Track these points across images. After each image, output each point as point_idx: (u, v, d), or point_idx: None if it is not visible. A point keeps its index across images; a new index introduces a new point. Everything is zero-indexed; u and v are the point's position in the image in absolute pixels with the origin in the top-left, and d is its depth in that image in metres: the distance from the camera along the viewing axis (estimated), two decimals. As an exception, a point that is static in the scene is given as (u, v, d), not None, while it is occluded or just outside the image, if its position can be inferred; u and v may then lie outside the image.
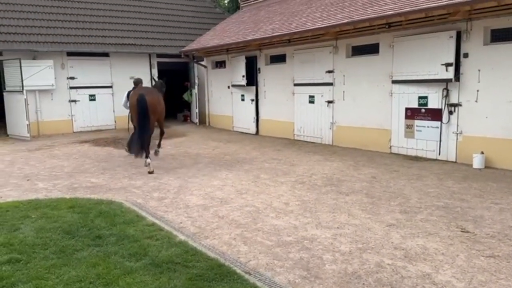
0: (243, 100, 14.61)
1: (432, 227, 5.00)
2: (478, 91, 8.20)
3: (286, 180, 7.48)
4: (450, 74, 8.40)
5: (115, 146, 11.89)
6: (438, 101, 8.81)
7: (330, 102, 11.31)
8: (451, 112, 8.64)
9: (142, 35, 17.15)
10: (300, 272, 3.92)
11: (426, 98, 9.04)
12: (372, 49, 10.26)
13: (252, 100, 14.14)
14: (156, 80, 10.27)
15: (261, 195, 6.54)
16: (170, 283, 3.64)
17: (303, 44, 11.93)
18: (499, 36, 7.94)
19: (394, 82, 9.61)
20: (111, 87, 16.25)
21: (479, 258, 4.12)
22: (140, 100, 8.35)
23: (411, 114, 9.35)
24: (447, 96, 8.64)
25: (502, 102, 7.85)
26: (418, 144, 9.27)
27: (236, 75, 14.38)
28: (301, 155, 9.93)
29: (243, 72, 13.86)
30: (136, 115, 8.48)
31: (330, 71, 11.21)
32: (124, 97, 10.05)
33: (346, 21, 9.49)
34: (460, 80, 8.43)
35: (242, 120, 14.76)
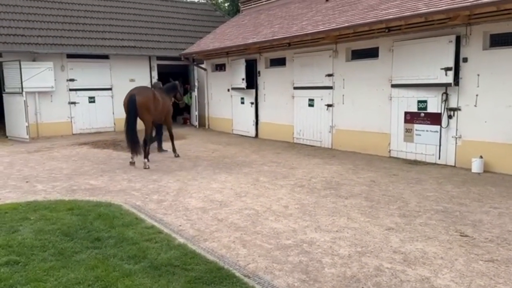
0: (242, 103, 14.63)
1: (431, 231, 5.00)
2: (477, 95, 8.22)
3: (285, 183, 7.48)
4: (449, 79, 8.42)
5: (115, 148, 11.89)
6: (438, 105, 8.83)
7: (329, 106, 11.33)
8: (450, 117, 8.66)
9: (142, 37, 17.20)
10: (299, 275, 3.92)
11: (425, 102, 9.06)
12: (371, 53, 10.29)
13: (252, 103, 14.16)
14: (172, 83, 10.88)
15: (260, 198, 6.54)
16: (169, 286, 3.63)
17: (303, 47, 11.96)
18: (499, 41, 7.97)
19: (394, 86, 9.64)
20: (110, 89, 16.27)
21: (478, 262, 4.12)
22: (130, 100, 8.99)
23: (411, 118, 9.37)
24: (446, 100, 8.66)
25: (501, 106, 7.87)
26: (417, 148, 9.28)
27: (236, 78, 14.40)
28: (300, 158, 9.94)
29: (243, 75, 13.88)
30: (127, 114, 9.07)
31: (329, 75, 11.23)
32: None
33: (346, 25, 9.51)
34: (460, 85, 8.45)
35: (241, 123, 14.77)
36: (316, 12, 11.92)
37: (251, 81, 14.01)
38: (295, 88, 12.37)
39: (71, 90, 15.44)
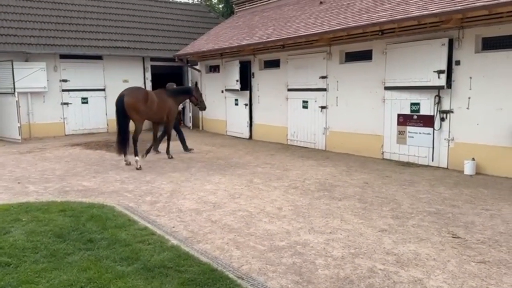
0: (236, 104, 14.63)
1: (423, 232, 5.03)
2: (469, 98, 8.29)
3: (279, 185, 7.49)
4: (442, 81, 8.49)
5: (107, 150, 11.83)
6: (430, 107, 8.89)
7: (323, 108, 11.36)
8: (443, 119, 8.72)
9: (136, 38, 17.15)
10: (293, 277, 3.92)
11: (418, 104, 9.12)
12: (365, 55, 10.34)
13: (246, 104, 14.16)
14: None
15: (254, 200, 6.54)
16: (162, 288, 3.62)
17: (297, 49, 11.99)
18: (490, 44, 8.05)
19: (387, 88, 9.69)
20: (104, 90, 16.20)
21: (470, 264, 4.15)
22: (118, 100, 9.20)
23: (404, 120, 9.42)
24: (439, 103, 8.72)
25: (493, 109, 7.94)
26: (410, 150, 9.34)
27: (230, 79, 14.40)
28: (294, 160, 9.95)
29: (237, 77, 13.89)
30: (116, 114, 9.28)
31: (323, 77, 11.27)
32: None
33: (340, 27, 9.56)
34: (452, 87, 8.52)
35: (235, 125, 14.77)
36: (310, 14, 11.96)
37: (245, 82, 14.02)
38: (289, 90, 12.40)
39: (64, 90, 15.35)
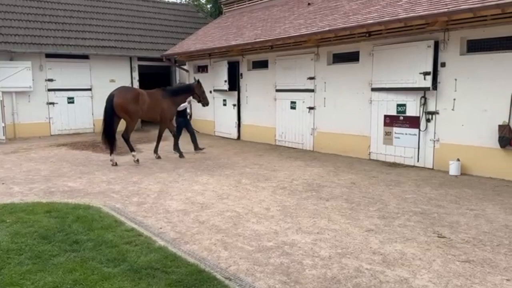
0: (225, 105, 14.61)
1: (409, 232, 5.09)
2: (454, 99, 8.41)
3: (267, 185, 7.50)
4: (428, 83, 8.59)
5: (94, 150, 11.72)
6: (416, 109, 8.99)
7: (311, 108, 11.41)
8: (428, 120, 8.83)
9: (123, 37, 17.01)
10: (280, 277, 3.94)
11: (404, 106, 9.22)
12: (352, 57, 10.42)
13: (234, 105, 14.15)
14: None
15: (242, 200, 6.54)
16: (149, 289, 3.60)
17: (285, 50, 12.03)
18: (475, 46, 8.18)
19: (374, 89, 9.78)
20: (90, 89, 16.04)
21: (455, 263, 4.21)
22: (108, 100, 9.29)
23: (390, 121, 9.52)
24: (424, 104, 8.83)
25: (477, 110, 8.07)
26: (397, 151, 9.43)
27: (218, 80, 14.37)
28: (282, 161, 9.98)
29: (225, 77, 13.87)
30: (104, 113, 9.33)
31: (311, 78, 11.32)
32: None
33: (327, 28, 9.61)
34: (438, 89, 8.63)
35: (223, 125, 14.74)
36: (298, 15, 12.00)
37: (234, 83, 14.01)
38: (277, 90, 12.42)
39: (49, 90, 15.16)
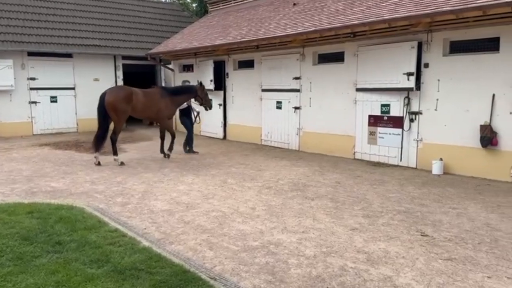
0: (210, 104, 14.54)
1: (393, 231, 5.15)
2: (437, 100, 8.53)
3: (253, 185, 7.50)
4: (411, 83, 8.71)
5: (77, 150, 11.56)
6: (400, 109, 9.10)
7: (297, 108, 11.46)
8: (412, 120, 8.94)
9: (107, 36, 16.81)
10: (266, 276, 3.94)
11: (388, 106, 9.32)
12: (337, 57, 10.49)
13: (220, 104, 14.12)
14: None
15: (228, 200, 6.53)
16: (133, 290, 3.56)
17: (271, 50, 12.04)
18: (457, 47, 8.32)
19: (358, 90, 9.86)
20: (73, 88, 15.83)
21: (437, 261, 4.28)
22: (100, 98, 9.29)
23: (374, 121, 9.61)
24: (408, 104, 8.94)
25: (460, 111, 8.20)
26: (381, 151, 9.53)
27: (204, 79, 14.25)
28: (268, 160, 9.99)
29: (211, 77, 13.82)
30: (97, 111, 9.35)
31: (297, 78, 11.36)
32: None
33: (313, 29, 9.66)
34: (421, 89, 8.75)
35: (209, 125, 14.68)
36: (283, 15, 12.04)
37: (220, 82, 13.97)
38: (263, 90, 12.44)
39: (32, 89, 14.91)
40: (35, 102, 15.01)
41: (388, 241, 4.82)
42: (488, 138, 7.69)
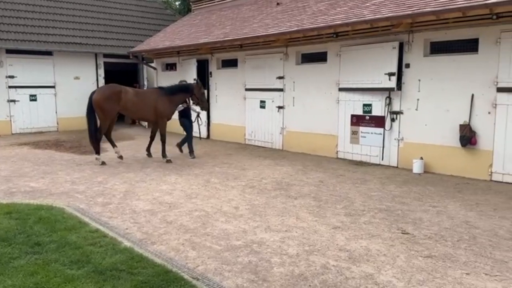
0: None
1: (374, 229, 5.20)
2: (418, 100, 8.66)
3: (236, 184, 7.49)
4: (392, 83, 8.82)
5: (57, 149, 11.36)
6: (382, 108, 9.21)
7: (280, 108, 11.49)
8: (393, 120, 9.06)
9: (88, 34, 16.55)
10: (248, 275, 3.94)
11: (370, 105, 9.42)
12: (320, 57, 10.56)
13: (203, 104, 14.03)
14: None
15: (211, 200, 6.50)
16: (114, 291, 3.52)
17: (254, 49, 12.04)
18: (438, 48, 8.46)
19: (341, 89, 9.94)
20: (53, 87, 15.55)
21: (418, 259, 4.34)
22: (89, 97, 9.26)
23: (356, 121, 9.70)
24: (389, 104, 9.05)
25: (440, 111, 8.34)
26: (363, 150, 9.63)
27: (187, 78, 14.18)
28: (252, 160, 9.99)
29: (194, 76, 13.73)
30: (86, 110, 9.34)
31: (280, 77, 11.39)
32: None
33: (296, 29, 9.70)
34: (402, 89, 8.87)
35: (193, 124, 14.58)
36: (266, 15, 12.05)
37: (203, 81, 13.83)
38: (247, 89, 12.43)
39: (10, 87, 14.58)
40: (14, 101, 14.69)
41: (370, 239, 4.87)
42: (467, 137, 7.84)
